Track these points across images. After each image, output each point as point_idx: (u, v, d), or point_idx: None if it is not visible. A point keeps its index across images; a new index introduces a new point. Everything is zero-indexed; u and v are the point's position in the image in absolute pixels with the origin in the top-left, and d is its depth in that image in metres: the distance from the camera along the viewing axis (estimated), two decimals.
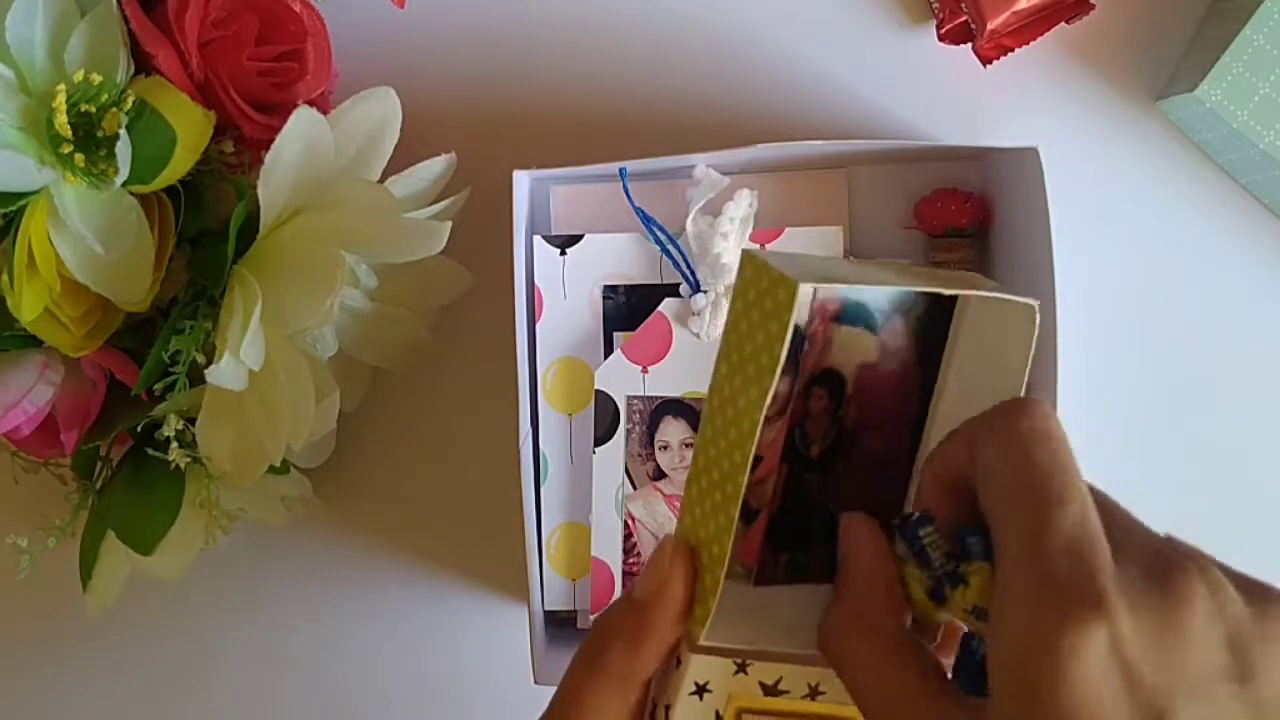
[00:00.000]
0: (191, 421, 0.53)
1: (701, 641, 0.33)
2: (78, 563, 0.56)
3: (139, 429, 0.55)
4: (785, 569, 0.36)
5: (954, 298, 0.35)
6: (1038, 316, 0.34)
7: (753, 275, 0.33)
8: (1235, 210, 0.61)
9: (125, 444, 0.57)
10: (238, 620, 0.65)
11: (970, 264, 0.60)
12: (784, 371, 0.33)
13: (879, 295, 0.35)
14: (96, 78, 0.49)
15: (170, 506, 0.53)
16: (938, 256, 0.60)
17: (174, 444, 0.53)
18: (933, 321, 0.36)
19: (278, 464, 0.52)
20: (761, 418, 0.32)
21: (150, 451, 0.53)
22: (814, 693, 0.35)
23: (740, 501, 0.32)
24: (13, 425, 0.53)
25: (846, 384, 0.35)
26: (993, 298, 0.34)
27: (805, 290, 0.32)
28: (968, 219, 0.59)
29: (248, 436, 0.52)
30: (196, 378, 0.51)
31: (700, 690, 0.34)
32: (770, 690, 0.35)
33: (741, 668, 0.34)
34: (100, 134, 0.49)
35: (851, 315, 0.35)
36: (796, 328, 0.34)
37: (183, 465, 0.53)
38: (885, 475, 0.36)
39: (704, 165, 0.56)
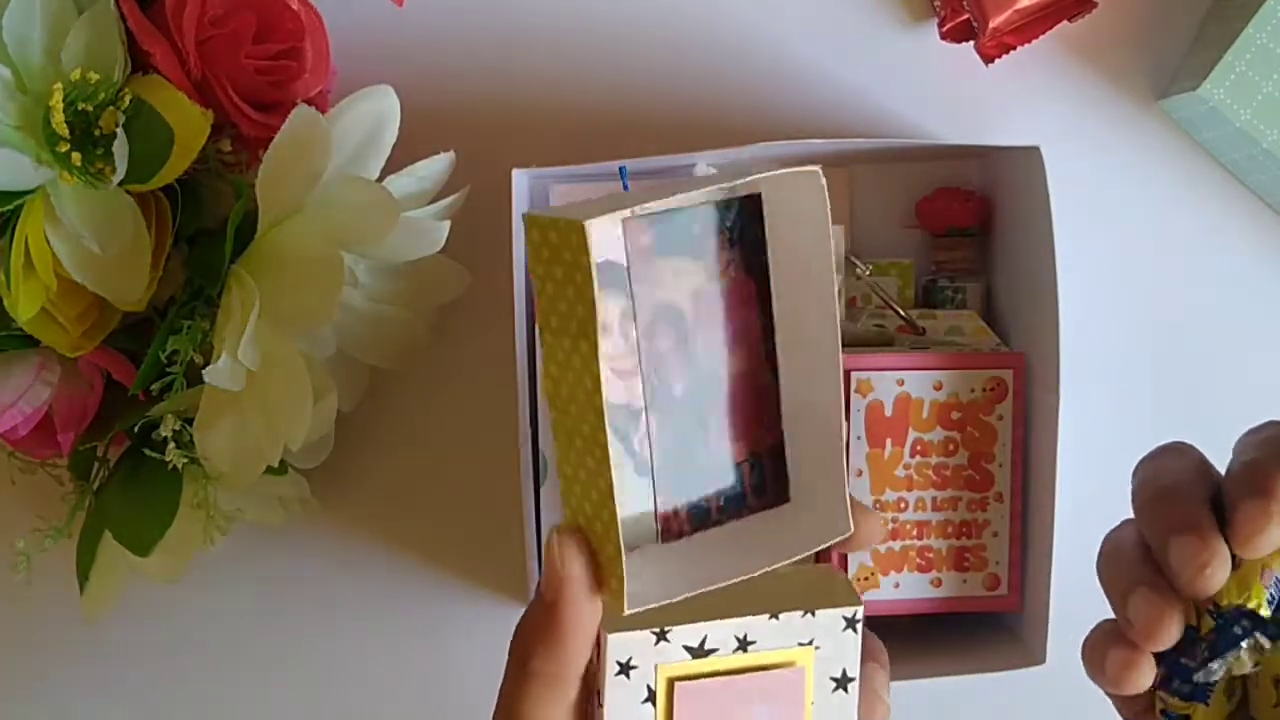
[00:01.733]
0: (189, 422, 0.52)
1: (627, 612, 0.32)
2: (75, 564, 0.56)
3: (136, 429, 0.54)
4: (688, 519, 0.35)
5: (759, 198, 0.35)
6: (822, 180, 0.34)
7: (539, 235, 0.32)
8: (1238, 209, 0.61)
9: (122, 444, 0.57)
10: (235, 621, 0.65)
11: (971, 263, 0.60)
12: (626, 317, 0.33)
13: (689, 219, 0.34)
14: (94, 76, 0.49)
15: (167, 507, 0.53)
16: (939, 255, 0.60)
17: (171, 444, 0.52)
18: (747, 226, 0.35)
19: (275, 464, 0.52)
20: (602, 369, 0.31)
21: (147, 452, 0.53)
22: (744, 645, 0.34)
23: (610, 462, 0.31)
24: (9, 425, 0.52)
25: (685, 316, 0.35)
26: (782, 177, 0.34)
27: (601, 226, 0.31)
28: (969, 218, 0.59)
29: (245, 437, 0.51)
30: (194, 378, 0.51)
31: (625, 669, 0.33)
32: (697, 652, 0.34)
33: (661, 636, 0.33)
34: (97, 132, 0.49)
35: (667, 245, 0.34)
36: (623, 270, 0.33)
37: (180, 466, 0.53)
38: (754, 393, 0.36)
39: (704, 164, 0.56)
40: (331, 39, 0.56)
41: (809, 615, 0.34)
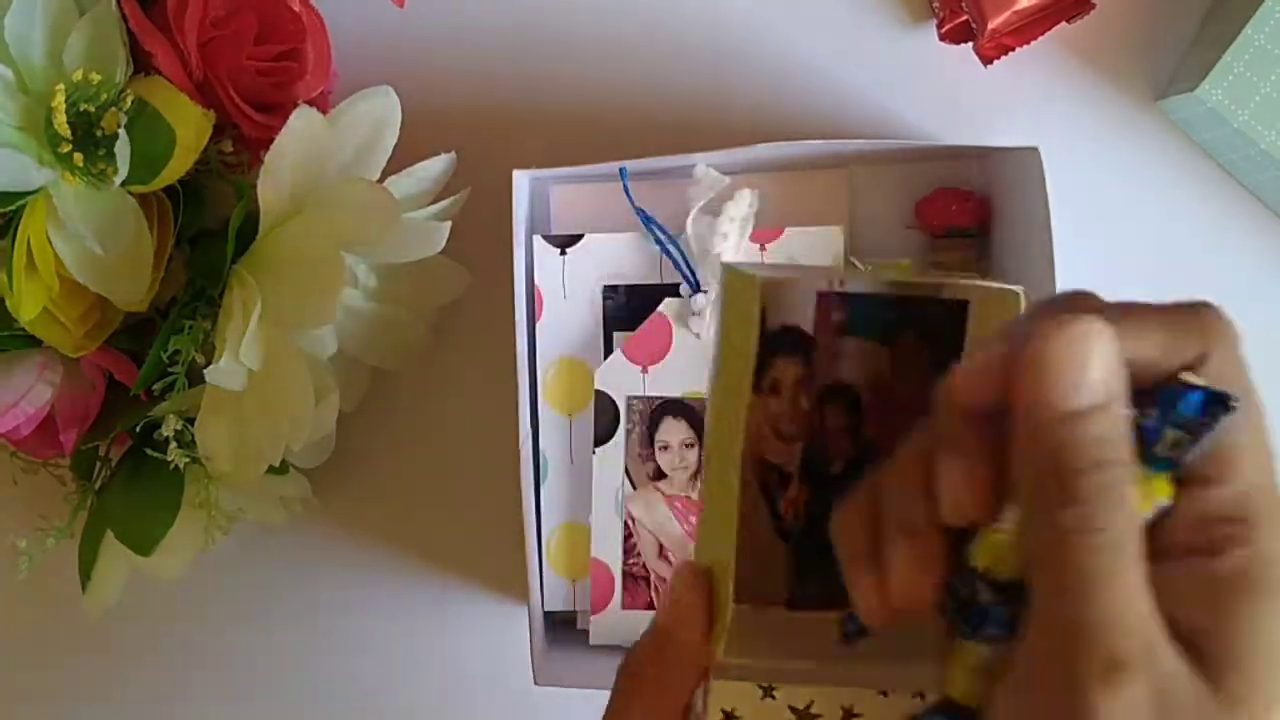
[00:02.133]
0: (190, 422, 0.53)
1: (720, 659, 0.33)
2: (77, 563, 0.56)
3: (138, 429, 0.55)
4: (818, 596, 0.35)
5: (964, 305, 0.34)
6: (1022, 302, 0.33)
7: (727, 284, 0.33)
8: (1236, 210, 0.61)
9: (124, 444, 0.57)
10: (237, 621, 0.65)
11: (971, 264, 0.60)
12: (799, 384, 0.32)
13: (886, 306, 0.34)
14: (95, 77, 0.49)
15: (169, 507, 0.53)
16: (938, 256, 0.60)
17: (173, 444, 0.53)
18: (942, 331, 0.34)
19: (277, 464, 0.52)
20: (742, 425, 0.31)
21: (149, 452, 0.53)
22: (849, 715, 0.34)
23: (737, 513, 0.32)
24: (11, 425, 0.52)
25: (860, 399, 0.34)
26: (987, 289, 0.33)
27: (780, 286, 0.32)
28: (969, 218, 0.59)
29: (247, 437, 0.51)
30: (195, 378, 0.51)
31: (728, 718, 0.34)
32: (802, 715, 0.34)
33: (768, 692, 0.34)
34: (99, 133, 0.49)
35: (859, 326, 0.34)
36: (805, 338, 0.33)
37: (182, 466, 0.53)
38: None
39: (704, 165, 0.56)
40: (332, 40, 0.56)
41: (918, 698, 0.34)
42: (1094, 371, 0.25)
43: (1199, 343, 0.28)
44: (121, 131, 0.47)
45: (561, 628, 0.58)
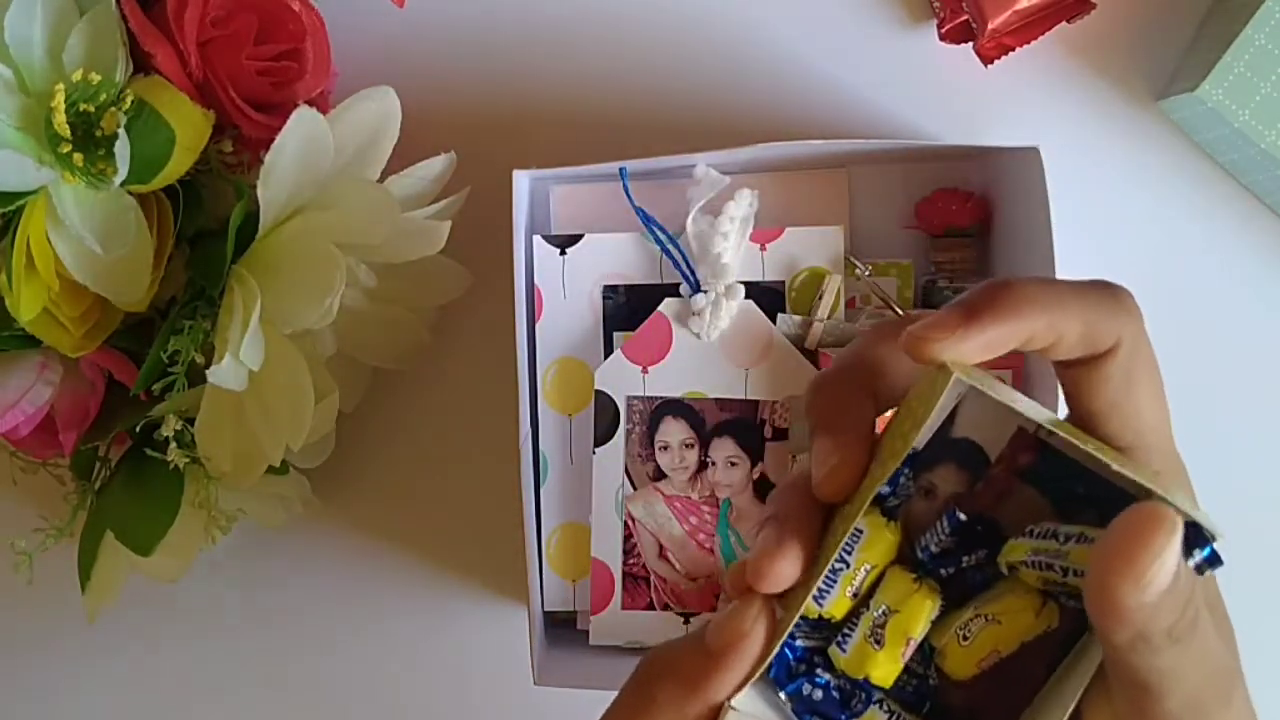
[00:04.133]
0: (190, 422, 0.53)
1: (733, 704, 0.31)
2: (77, 563, 0.56)
3: (138, 429, 0.55)
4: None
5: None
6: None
7: (935, 376, 0.31)
8: (1236, 210, 0.61)
9: (124, 444, 0.57)
10: (236, 621, 0.65)
11: (970, 264, 0.60)
12: (951, 501, 0.31)
13: (1077, 475, 0.31)
14: (95, 77, 0.49)
15: (169, 507, 0.53)
16: (938, 256, 0.60)
17: (173, 444, 0.53)
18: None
19: (277, 464, 0.52)
20: (868, 499, 0.30)
21: (149, 452, 0.53)
22: None
23: (811, 590, 0.31)
24: (11, 425, 0.52)
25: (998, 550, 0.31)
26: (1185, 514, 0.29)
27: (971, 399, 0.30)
28: (968, 219, 0.59)
29: (247, 437, 0.51)
30: (195, 378, 0.51)
31: None
32: None
33: None
34: (99, 133, 0.49)
35: (1042, 476, 0.31)
36: (981, 459, 0.32)
37: (181, 466, 0.53)
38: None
39: (704, 165, 0.56)
40: (332, 40, 0.56)
41: None
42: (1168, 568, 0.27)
43: (1116, 327, 0.30)
44: (121, 131, 0.47)
45: (561, 628, 0.58)
